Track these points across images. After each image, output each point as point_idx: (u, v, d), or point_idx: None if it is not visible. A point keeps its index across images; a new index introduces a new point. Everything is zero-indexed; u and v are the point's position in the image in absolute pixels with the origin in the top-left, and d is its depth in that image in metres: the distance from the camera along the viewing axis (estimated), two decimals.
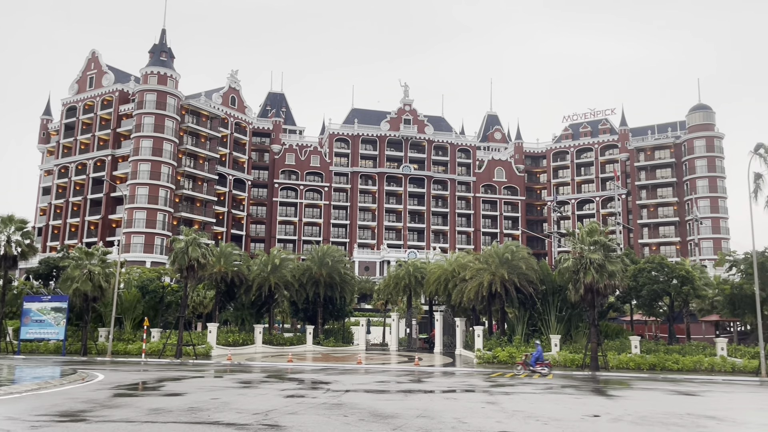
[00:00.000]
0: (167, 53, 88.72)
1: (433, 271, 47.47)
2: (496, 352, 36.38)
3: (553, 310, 39.57)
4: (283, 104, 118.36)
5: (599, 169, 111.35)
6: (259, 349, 44.43)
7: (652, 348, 35.92)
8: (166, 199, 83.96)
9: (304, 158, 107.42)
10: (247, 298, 46.89)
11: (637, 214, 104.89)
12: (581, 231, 35.85)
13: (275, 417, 14.96)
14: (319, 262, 48.56)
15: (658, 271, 41.63)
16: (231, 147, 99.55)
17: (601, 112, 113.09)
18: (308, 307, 50.78)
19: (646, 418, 15.77)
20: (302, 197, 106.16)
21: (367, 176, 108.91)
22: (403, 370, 32.22)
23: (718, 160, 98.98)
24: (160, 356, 38.28)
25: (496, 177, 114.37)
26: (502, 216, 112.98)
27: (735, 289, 40.64)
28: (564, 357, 34.91)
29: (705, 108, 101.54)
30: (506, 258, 39.23)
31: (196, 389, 21.19)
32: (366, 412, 15.93)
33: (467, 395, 20.97)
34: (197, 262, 38.68)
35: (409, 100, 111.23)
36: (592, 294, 33.46)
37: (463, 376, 29.13)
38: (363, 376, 27.62)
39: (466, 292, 40.21)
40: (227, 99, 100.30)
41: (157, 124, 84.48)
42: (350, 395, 19.92)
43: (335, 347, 47.61)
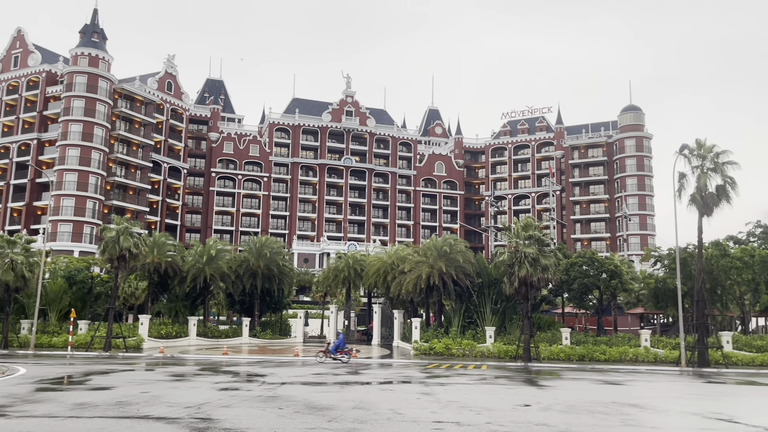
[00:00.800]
0: (99, 34, 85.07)
1: (372, 263, 47.63)
2: (433, 343, 36.86)
3: (488, 303, 40.41)
4: (221, 91, 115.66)
5: (535, 166, 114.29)
6: (194, 341, 43.48)
7: (581, 339, 37.23)
8: (97, 186, 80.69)
9: (243, 147, 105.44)
10: (181, 290, 45.75)
11: (570, 210, 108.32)
12: (517, 226, 36.73)
13: (208, 410, 14.64)
14: (257, 253, 47.87)
15: (588, 265, 43.19)
16: (166, 134, 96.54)
17: (539, 110, 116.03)
18: (245, 299, 50.02)
19: (574, 407, 16.32)
20: (240, 187, 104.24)
21: (307, 167, 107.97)
22: (341, 362, 32.19)
23: (646, 159, 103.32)
24: (88, 349, 36.88)
25: (436, 171, 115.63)
26: (442, 210, 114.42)
27: (659, 283, 42.66)
28: (498, 348, 35.74)
29: (635, 109, 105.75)
30: (444, 251, 39.77)
31: (125, 383, 20.51)
32: (301, 405, 15.81)
33: (403, 386, 21.15)
34: (129, 252, 37.46)
35: (352, 91, 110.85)
36: (526, 287, 34.35)
37: (400, 367, 29.38)
38: (299, 369, 27.44)
39: (405, 284, 40.56)
40: (163, 84, 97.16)
41: (87, 107, 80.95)
42: (286, 388, 19.73)
43: (272, 340, 47.12)
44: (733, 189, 33.05)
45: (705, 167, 33.41)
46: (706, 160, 33.50)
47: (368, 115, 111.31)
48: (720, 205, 33.15)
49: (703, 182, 33.05)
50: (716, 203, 33.10)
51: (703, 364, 31.64)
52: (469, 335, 38.43)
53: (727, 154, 33.44)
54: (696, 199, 33.21)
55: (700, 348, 32.09)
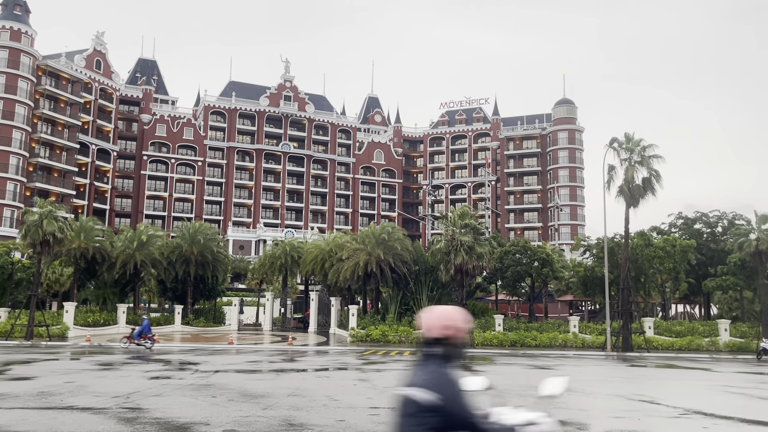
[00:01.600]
0: (22, 7, 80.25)
1: (310, 251, 47.29)
2: (370, 330, 37.01)
3: (425, 290, 40.90)
4: (154, 72, 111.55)
5: (472, 156, 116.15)
6: (123, 330, 42.00)
7: (513, 326, 38.27)
8: (18, 167, 76.42)
9: (177, 130, 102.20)
10: (110, 276, 44.08)
11: (505, 200, 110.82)
12: (453, 214, 37.28)
13: (137, 400, 14.16)
14: (191, 239, 46.67)
15: (521, 254, 44.36)
16: (95, 114, 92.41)
17: (476, 101, 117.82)
18: (177, 286, 48.74)
19: (506, 391, 16.73)
20: (174, 171, 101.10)
21: (244, 152, 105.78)
22: (276, 349, 31.88)
23: (578, 152, 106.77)
24: (8, 338, 35.01)
25: (375, 159, 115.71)
26: (380, 198, 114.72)
27: (588, 272, 44.31)
28: None
29: (568, 102, 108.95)
30: (383, 239, 39.93)
31: (49, 372, 19.59)
32: (236, 392, 15.53)
33: (340, 373, 21.13)
34: (53, 237, 35.69)
35: (291, 76, 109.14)
36: (461, 274, 34.95)
37: (337, 354, 29.36)
38: (234, 357, 26.98)
39: (343, 271, 40.50)
40: (92, 62, 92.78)
41: (8, 84, 76.37)
42: (220, 376, 19.35)
43: (206, 328, 46.15)
44: (657, 181, 34.57)
45: (633, 160, 34.78)
46: (633, 153, 34.87)
47: (307, 101, 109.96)
48: (646, 197, 34.63)
49: (631, 174, 34.41)
50: (642, 195, 34.55)
51: (627, 349, 33.11)
52: (405, 322, 38.80)
53: (653, 148, 34.93)
54: (624, 190, 34.55)
55: (625, 333, 33.55)
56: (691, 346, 34.41)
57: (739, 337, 35.32)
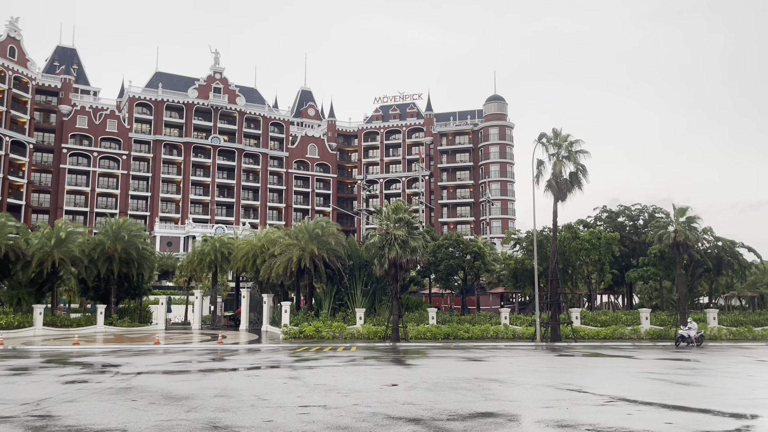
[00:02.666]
0: None
1: (241, 246, 46.13)
2: (303, 327, 36.41)
3: (359, 285, 40.64)
4: (74, 61, 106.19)
5: (406, 151, 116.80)
6: (40, 331, 39.72)
7: (447, 319, 38.56)
8: None
9: (99, 122, 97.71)
10: (24, 276, 41.49)
11: (438, 194, 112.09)
12: (387, 209, 37.13)
13: (48, 406, 13.20)
14: (114, 236, 44.57)
15: (454, 247, 44.82)
16: (8, 104, 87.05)
17: (410, 96, 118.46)
18: (100, 285, 46.50)
19: (439, 384, 16.67)
20: (96, 165, 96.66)
21: (171, 146, 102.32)
22: (205, 348, 30.85)
23: (508, 147, 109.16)
24: None
25: (309, 153, 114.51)
26: (314, 193, 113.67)
27: (518, 264, 45.23)
28: (368, 329, 36.04)
29: (499, 99, 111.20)
30: (316, 234, 39.35)
31: None
32: (158, 395, 14.75)
33: (270, 371, 20.56)
34: None
35: (220, 68, 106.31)
36: (395, 268, 34.86)
37: (268, 352, 28.68)
38: (159, 357, 25.86)
39: (275, 267, 39.67)
40: (5, 49, 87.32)
41: None
42: (142, 378, 18.41)
43: (131, 327, 44.24)
44: (584, 176, 35.55)
45: (560, 155, 35.62)
46: (561, 148, 35.72)
47: (238, 93, 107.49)
48: (573, 191, 35.53)
49: (559, 169, 35.24)
50: (569, 189, 35.44)
51: (555, 339, 33.96)
52: (339, 317, 38.42)
53: (580, 144, 35.88)
54: (552, 184, 35.36)
55: (553, 324, 34.40)
56: (615, 334, 35.68)
57: (659, 325, 36.90)
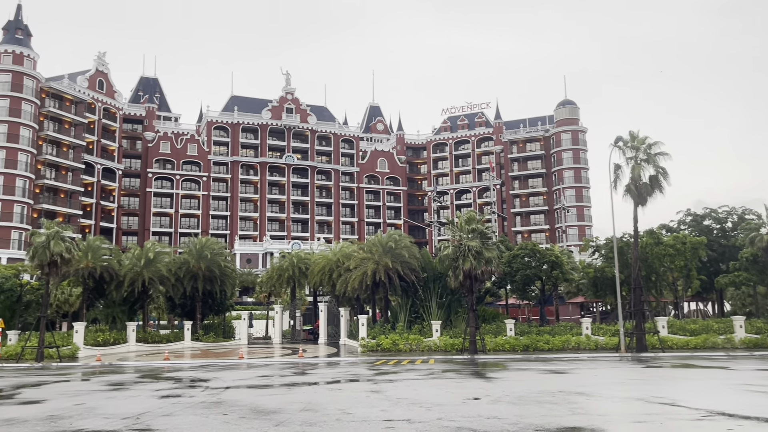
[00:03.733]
0: (24, 31, 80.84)
1: (317, 261, 47.07)
2: (380, 340, 36.70)
3: (434, 297, 40.59)
4: (157, 90, 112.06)
5: (476, 161, 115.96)
6: (133, 348, 41.89)
7: (525, 330, 37.87)
8: (25, 189, 76.71)
9: (181, 146, 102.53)
10: (118, 295, 43.98)
11: (510, 203, 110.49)
12: (460, 220, 36.99)
13: (148, 420, 13.96)
14: (198, 255, 46.54)
15: (530, 257, 44.01)
16: (99, 134, 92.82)
17: (478, 105, 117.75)
18: (186, 302, 48.59)
19: (523, 398, 16.44)
20: (179, 187, 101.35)
21: (248, 166, 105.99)
22: (287, 362, 31.63)
23: (582, 152, 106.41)
24: (18, 361, 34.89)
25: (378, 167, 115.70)
26: (385, 206, 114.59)
27: (597, 273, 43.90)
28: (444, 342, 35.90)
29: (570, 103, 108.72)
30: (390, 247, 39.68)
31: (58, 395, 19.42)
32: (247, 409, 15.30)
33: (352, 385, 20.86)
34: (60, 257, 35.61)
35: (292, 88, 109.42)
36: (470, 280, 34.64)
37: (348, 365, 29.07)
38: (244, 372, 26.75)
39: (351, 281, 40.24)
40: (94, 82, 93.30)
41: (12, 107, 76.81)
42: (230, 392, 19.12)
43: (215, 343, 45.94)
44: (665, 179, 34.24)
45: (638, 158, 34.48)
46: (639, 151, 34.58)
47: (309, 112, 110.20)
48: (653, 195, 34.29)
49: (637, 173, 34.11)
50: (650, 193, 34.22)
51: (641, 350, 32.69)
52: (415, 330, 38.48)
53: (659, 146, 34.62)
54: (631, 189, 34.25)
55: (638, 334, 33.13)
56: (707, 344, 33.95)
57: (755, 334, 34.82)
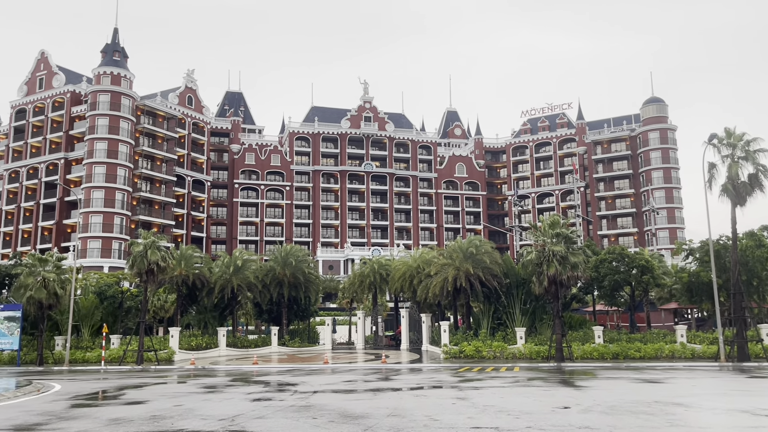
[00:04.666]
0: (120, 53, 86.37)
1: (397, 267, 47.33)
2: (463, 346, 36.43)
3: (517, 303, 39.86)
4: (241, 103, 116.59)
5: (558, 163, 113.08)
6: (223, 352, 43.60)
7: (614, 337, 36.50)
8: (123, 202, 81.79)
9: (264, 158, 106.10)
10: (209, 301, 45.96)
11: (595, 206, 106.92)
12: (543, 224, 36.19)
13: (242, 422, 14.53)
14: (282, 262, 47.91)
15: (618, 261, 42.36)
16: (189, 148, 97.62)
17: (558, 106, 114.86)
18: (272, 308, 50.08)
19: (616, 408, 15.87)
20: (263, 197, 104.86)
21: (328, 175, 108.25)
22: (371, 368, 31.97)
23: (671, 151, 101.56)
24: (121, 363, 37.18)
25: (457, 173, 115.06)
26: (464, 211, 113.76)
27: (692, 277, 41.65)
28: (529, 349, 35.19)
29: (658, 101, 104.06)
30: (470, 252, 39.34)
31: (159, 396, 20.53)
32: (335, 413, 15.62)
33: (437, 391, 20.84)
34: (157, 266, 37.71)
35: (369, 97, 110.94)
36: (555, 286, 33.80)
37: (431, 372, 29.05)
38: (330, 376, 27.27)
39: (431, 287, 40.19)
40: (184, 99, 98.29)
41: (111, 125, 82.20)
42: (318, 396, 19.57)
43: (301, 348, 47.06)
44: (766, 177, 32.15)
45: (735, 156, 32.58)
46: (736, 149, 32.67)
47: (387, 120, 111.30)
48: (753, 194, 32.26)
49: (735, 171, 32.21)
50: (749, 192, 32.23)
51: (743, 359, 30.77)
52: (499, 337, 37.92)
53: (758, 142, 32.56)
54: (728, 189, 32.38)
55: (739, 342, 31.22)
56: None
57: None
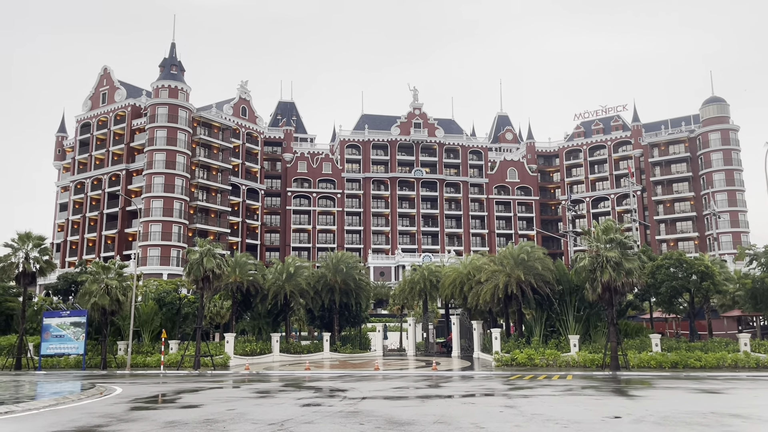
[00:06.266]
0: (177, 66, 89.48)
1: (448, 274, 47.22)
2: (515, 354, 36.03)
3: (570, 310, 39.14)
4: (293, 113, 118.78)
5: (613, 166, 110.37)
6: (277, 357, 44.41)
7: (673, 346, 35.38)
8: (181, 211, 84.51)
9: (316, 166, 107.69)
10: (263, 307, 46.95)
11: (653, 210, 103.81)
12: (597, 229, 35.49)
13: (291, 427, 14.85)
14: (334, 268, 48.53)
15: (676, 267, 41.02)
16: (243, 157, 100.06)
17: (613, 108, 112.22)
18: (324, 314, 50.75)
19: (669, 418, 15.45)
20: (315, 204, 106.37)
21: (379, 181, 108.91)
22: (421, 375, 31.99)
23: (734, 152, 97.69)
24: (179, 368, 38.37)
25: (508, 178, 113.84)
26: (516, 217, 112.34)
27: (757, 283, 39.98)
28: (583, 357, 34.49)
29: (719, 100, 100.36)
30: (522, 259, 38.91)
31: (213, 400, 21.16)
32: (382, 420, 15.77)
33: (485, 399, 20.73)
34: (212, 273, 38.79)
35: (419, 103, 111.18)
36: (609, 292, 33.06)
37: (482, 379, 28.85)
38: (380, 383, 27.44)
39: (482, 294, 39.94)
40: (238, 110, 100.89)
41: (169, 137, 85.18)
42: (367, 402, 19.76)
43: (352, 354, 47.46)
44: None
45: None
46: None
47: (437, 126, 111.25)
48: None
49: None
50: None
51: None
52: (551, 344, 37.31)
53: None
54: None
55: None
56: None
57: None
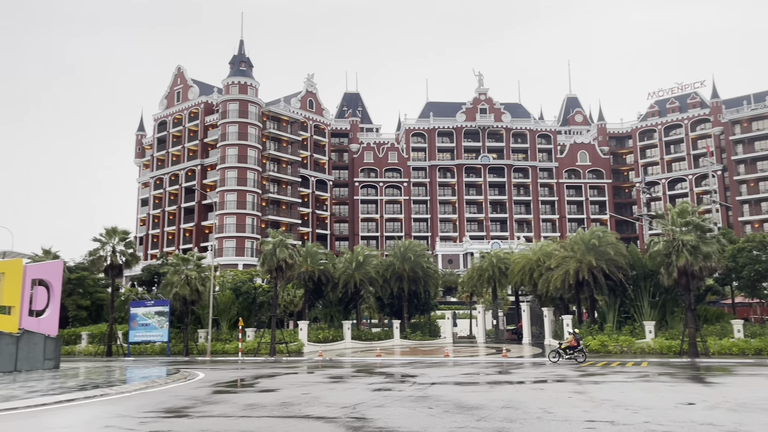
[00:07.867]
0: (246, 63, 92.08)
1: (517, 261, 46.88)
2: (587, 341, 35.51)
3: (645, 296, 38.16)
4: (359, 104, 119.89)
5: (690, 146, 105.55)
6: (349, 344, 45.48)
7: (757, 332, 33.95)
8: (254, 203, 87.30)
9: (382, 155, 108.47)
10: (334, 296, 48.13)
11: (735, 190, 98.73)
12: (672, 212, 34.38)
13: (362, 410, 15.43)
14: (402, 257, 49.08)
15: (759, 249, 39.22)
16: (311, 149, 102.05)
17: (689, 85, 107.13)
18: (393, 302, 51.45)
19: (746, 405, 15.05)
20: (382, 194, 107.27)
21: (445, 169, 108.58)
22: (491, 361, 32.10)
23: None
24: (255, 354, 40.00)
25: (579, 161, 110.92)
26: (588, 201, 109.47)
27: None
28: (659, 344, 33.61)
29: None
30: (593, 244, 38.20)
31: (288, 385, 22.11)
32: (450, 404, 16.12)
33: (554, 385, 20.70)
34: (285, 263, 40.13)
35: (484, 88, 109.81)
36: (686, 277, 32.05)
37: (552, 366, 28.67)
38: (449, 369, 27.78)
39: (552, 281, 39.52)
40: (305, 103, 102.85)
41: (240, 132, 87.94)
42: (436, 388, 20.15)
43: (422, 341, 47.97)
44: None
45: None
46: None
47: (503, 111, 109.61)
48: None
49: None
50: None
51: None
52: (626, 331, 36.53)
53: None
54: None
55: None
56: None
57: None
